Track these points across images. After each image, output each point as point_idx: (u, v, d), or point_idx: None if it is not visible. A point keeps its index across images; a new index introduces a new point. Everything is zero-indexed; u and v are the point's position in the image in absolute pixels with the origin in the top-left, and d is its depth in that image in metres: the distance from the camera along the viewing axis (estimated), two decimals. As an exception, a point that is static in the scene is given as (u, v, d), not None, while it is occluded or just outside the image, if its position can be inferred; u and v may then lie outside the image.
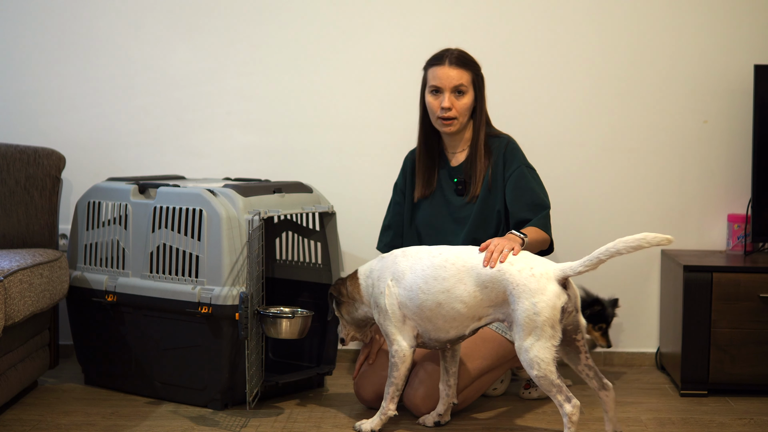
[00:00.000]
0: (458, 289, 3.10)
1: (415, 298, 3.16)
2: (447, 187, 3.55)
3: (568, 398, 2.98)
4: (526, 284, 2.99)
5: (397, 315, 3.20)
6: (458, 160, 3.55)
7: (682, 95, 4.15)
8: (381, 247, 3.63)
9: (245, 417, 3.44)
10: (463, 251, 3.15)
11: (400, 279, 3.20)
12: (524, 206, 3.42)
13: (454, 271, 3.11)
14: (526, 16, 4.15)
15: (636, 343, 4.18)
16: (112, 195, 3.71)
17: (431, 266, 3.15)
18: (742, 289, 3.72)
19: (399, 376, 3.23)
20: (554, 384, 2.97)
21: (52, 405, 3.58)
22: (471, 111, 3.50)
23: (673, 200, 4.18)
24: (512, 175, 3.45)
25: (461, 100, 3.45)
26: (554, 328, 2.97)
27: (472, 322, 3.13)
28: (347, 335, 3.41)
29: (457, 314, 3.12)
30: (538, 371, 2.97)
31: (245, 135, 4.23)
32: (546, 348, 2.97)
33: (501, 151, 3.48)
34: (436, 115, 3.47)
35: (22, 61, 4.23)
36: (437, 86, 3.45)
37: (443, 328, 3.16)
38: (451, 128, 3.47)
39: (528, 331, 2.98)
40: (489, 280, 3.05)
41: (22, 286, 3.30)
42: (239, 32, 4.20)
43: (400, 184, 3.66)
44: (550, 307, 2.97)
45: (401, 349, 3.21)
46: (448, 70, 3.45)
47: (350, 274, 3.38)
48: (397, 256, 3.25)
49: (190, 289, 3.47)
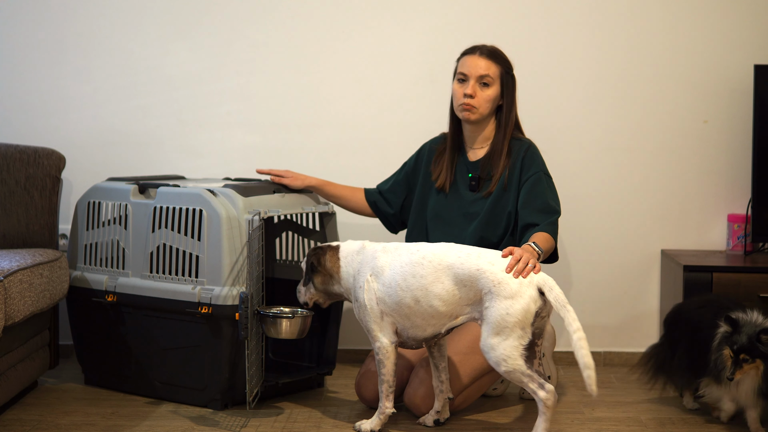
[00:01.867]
0: (436, 287, 3.11)
1: (393, 294, 3.17)
2: (461, 181, 3.57)
3: (541, 385, 3.01)
4: (505, 285, 3.00)
5: (375, 311, 3.22)
6: (477, 156, 3.58)
7: (682, 95, 4.15)
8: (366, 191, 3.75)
9: (245, 417, 3.44)
10: (442, 249, 3.15)
11: (379, 275, 3.21)
12: (534, 210, 3.43)
13: (432, 269, 3.12)
14: (525, 16, 4.15)
15: (636, 343, 4.18)
16: (112, 195, 3.71)
17: (410, 263, 3.16)
18: (742, 289, 3.72)
19: (387, 372, 3.24)
20: (525, 374, 3.00)
21: (52, 405, 3.58)
22: (494, 105, 3.53)
23: (673, 200, 4.18)
24: (529, 179, 3.47)
25: (485, 90, 3.49)
26: (524, 329, 3.00)
27: (449, 321, 3.15)
28: (310, 299, 3.38)
29: (435, 312, 3.13)
30: (506, 367, 3.00)
31: (245, 135, 4.23)
32: (513, 347, 2.99)
33: (521, 154, 3.50)
34: (458, 102, 3.52)
35: (22, 61, 4.23)
36: (464, 74, 3.51)
37: (421, 326, 3.17)
38: (470, 115, 3.50)
39: (497, 330, 2.99)
40: (467, 279, 3.06)
41: (22, 286, 3.30)
42: (239, 32, 4.20)
43: (408, 166, 3.71)
44: (524, 310, 2.99)
45: (383, 345, 3.22)
46: (477, 59, 3.50)
47: (332, 248, 3.34)
48: (377, 251, 3.25)
49: (190, 289, 3.47)
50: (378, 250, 3.26)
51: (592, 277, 4.22)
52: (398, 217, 3.73)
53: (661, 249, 4.18)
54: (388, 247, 3.26)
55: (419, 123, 4.11)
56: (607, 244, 4.21)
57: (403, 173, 3.72)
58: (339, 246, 3.35)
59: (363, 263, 3.26)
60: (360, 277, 3.25)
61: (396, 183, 3.73)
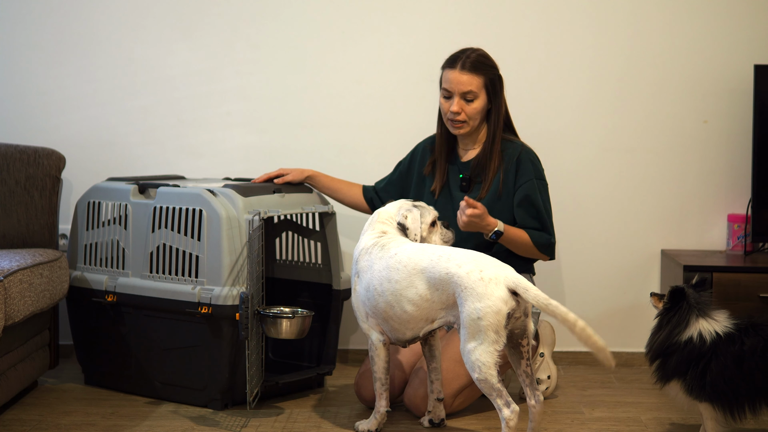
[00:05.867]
0: (409, 292, 3.09)
1: (371, 297, 3.18)
2: (453, 183, 3.58)
3: (508, 403, 2.96)
4: (473, 287, 2.96)
5: (360, 311, 3.24)
6: (468, 157, 3.59)
7: (682, 95, 4.15)
8: (364, 188, 3.77)
9: (245, 417, 3.44)
10: (417, 251, 3.12)
11: (362, 277, 3.21)
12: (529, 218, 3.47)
13: (406, 274, 3.10)
14: (524, 16, 4.15)
15: (636, 343, 4.18)
16: (112, 195, 3.71)
17: (386, 267, 3.14)
18: (742, 289, 3.72)
19: (378, 370, 3.25)
20: (494, 388, 2.96)
21: (52, 405, 3.58)
22: (483, 114, 3.53)
23: (673, 200, 4.18)
24: (522, 186, 3.48)
25: (471, 105, 3.49)
26: (498, 333, 2.95)
27: (425, 324, 3.13)
28: None
29: (409, 317, 3.12)
30: (479, 374, 2.96)
31: (245, 135, 4.23)
32: (488, 352, 2.95)
33: (513, 158, 3.50)
34: (446, 117, 3.53)
35: (22, 60, 4.23)
36: (447, 90, 3.50)
37: (399, 329, 3.17)
38: (460, 131, 3.52)
39: (472, 334, 2.96)
40: (439, 282, 3.04)
41: (22, 286, 3.30)
42: (239, 32, 4.20)
43: (403, 165, 3.72)
44: (494, 312, 2.94)
45: (373, 342, 3.24)
46: (459, 75, 3.47)
47: None
48: (362, 252, 3.24)
49: (190, 289, 3.47)
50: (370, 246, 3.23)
51: (592, 277, 4.21)
52: None
53: (661, 249, 4.18)
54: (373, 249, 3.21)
55: (419, 123, 4.10)
56: (607, 244, 4.20)
57: (398, 173, 3.73)
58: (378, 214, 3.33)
59: (358, 259, 3.25)
60: (352, 271, 3.27)
61: (390, 183, 3.74)
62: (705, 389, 3.02)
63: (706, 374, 3.01)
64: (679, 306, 3.07)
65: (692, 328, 3.04)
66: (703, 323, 3.04)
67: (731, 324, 3.05)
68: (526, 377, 3.09)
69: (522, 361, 3.08)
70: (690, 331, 3.04)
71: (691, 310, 3.05)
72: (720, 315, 3.07)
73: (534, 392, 3.08)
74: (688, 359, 3.03)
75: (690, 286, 3.11)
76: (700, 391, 3.03)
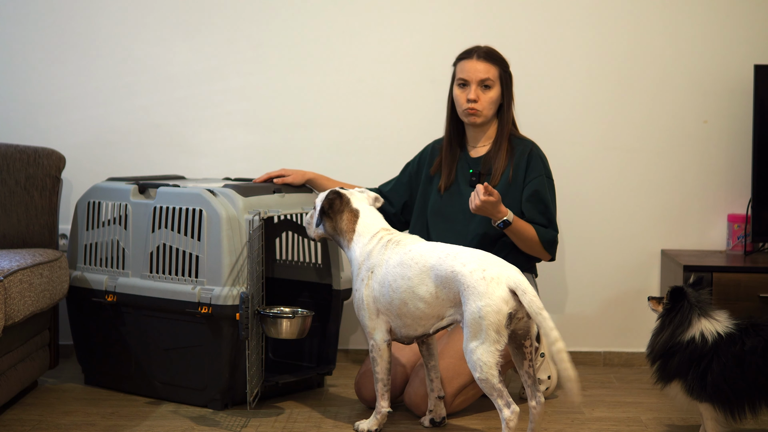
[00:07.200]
0: (420, 289, 3.10)
1: (386, 294, 3.18)
2: (462, 178, 3.58)
3: (508, 404, 2.97)
4: (475, 286, 2.97)
5: (371, 308, 3.23)
6: (478, 153, 3.60)
7: (682, 95, 4.15)
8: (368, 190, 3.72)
9: (245, 417, 3.44)
10: (428, 249, 3.14)
11: (376, 272, 3.21)
12: (537, 213, 3.47)
13: (418, 271, 3.11)
14: (525, 16, 4.15)
15: (636, 343, 4.18)
16: (112, 195, 3.71)
17: (400, 263, 3.15)
18: (742, 289, 3.72)
19: (380, 371, 3.25)
20: (495, 388, 2.96)
21: (52, 405, 3.58)
22: (497, 106, 3.56)
23: (673, 200, 4.18)
24: (532, 181, 3.48)
25: (487, 93, 3.51)
26: (499, 332, 2.95)
27: (436, 321, 3.14)
28: (318, 237, 3.38)
29: (421, 313, 3.13)
30: (480, 374, 2.97)
31: (245, 135, 4.24)
32: (489, 352, 2.95)
33: (525, 154, 3.52)
34: (462, 108, 3.53)
35: (22, 61, 4.23)
36: (464, 79, 3.52)
37: (411, 326, 3.18)
38: (476, 119, 3.52)
39: (474, 333, 2.97)
40: (445, 280, 3.05)
41: (22, 286, 3.30)
42: (239, 31, 4.20)
43: (411, 167, 3.71)
44: (495, 311, 2.94)
45: (376, 343, 3.23)
46: (476, 63, 3.51)
47: (351, 211, 3.30)
48: (382, 245, 3.24)
49: (190, 289, 3.47)
50: (384, 242, 3.24)
51: (592, 277, 4.21)
52: (399, 217, 3.73)
53: (661, 249, 4.18)
54: (391, 242, 3.23)
55: (420, 123, 4.11)
56: (607, 244, 4.20)
57: (407, 174, 3.72)
58: (359, 214, 3.30)
59: (370, 254, 3.24)
60: (363, 268, 3.24)
61: (399, 184, 3.73)
62: (706, 389, 3.02)
63: (707, 374, 3.01)
64: (680, 306, 3.07)
65: (694, 328, 3.05)
66: (705, 323, 3.04)
67: (732, 324, 3.05)
68: (528, 378, 3.09)
69: (525, 361, 3.09)
70: (692, 331, 3.04)
71: (693, 310, 3.06)
72: (721, 315, 3.08)
73: (535, 393, 3.09)
74: (689, 359, 3.03)
75: (689, 285, 3.11)
76: (701, 391, 3.03)
